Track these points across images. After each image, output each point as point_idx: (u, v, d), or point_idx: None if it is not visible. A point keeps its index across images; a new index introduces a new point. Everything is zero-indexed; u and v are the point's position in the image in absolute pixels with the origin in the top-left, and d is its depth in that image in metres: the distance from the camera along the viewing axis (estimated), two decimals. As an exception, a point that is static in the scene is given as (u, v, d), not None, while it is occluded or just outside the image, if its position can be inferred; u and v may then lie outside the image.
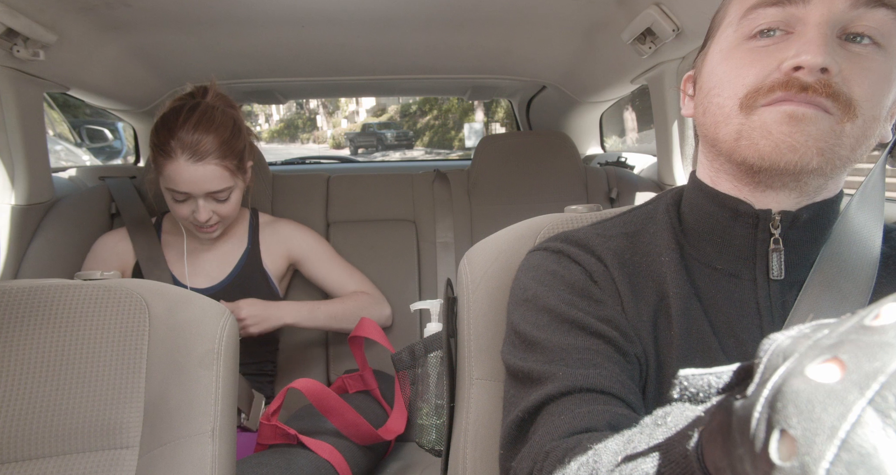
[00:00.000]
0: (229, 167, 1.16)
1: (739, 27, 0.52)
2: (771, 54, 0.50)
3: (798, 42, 0.48)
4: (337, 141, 18.90)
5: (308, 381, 1.03)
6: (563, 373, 0.50)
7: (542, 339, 0.54)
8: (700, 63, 0.59)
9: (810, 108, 0.47)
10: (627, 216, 0.65)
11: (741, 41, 0.52)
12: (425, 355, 1.01)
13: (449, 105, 18.06)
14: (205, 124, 1.14)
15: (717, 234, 0.57)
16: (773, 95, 0.48)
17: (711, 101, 0.54)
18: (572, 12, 1.27)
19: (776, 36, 0.50)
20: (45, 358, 0.72)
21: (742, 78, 0.51)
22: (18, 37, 1.04)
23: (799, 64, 0.47)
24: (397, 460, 1.23)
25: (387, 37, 1.41)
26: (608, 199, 1.65)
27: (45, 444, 0.69)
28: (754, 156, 0.50)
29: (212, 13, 1.20)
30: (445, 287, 0.78)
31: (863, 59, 0.48)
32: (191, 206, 1.17)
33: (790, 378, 0.21)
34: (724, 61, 0.53)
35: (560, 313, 0.55)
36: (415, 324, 1.46)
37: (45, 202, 1.33)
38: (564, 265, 0.59)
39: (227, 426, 0.72)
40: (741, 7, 0.53)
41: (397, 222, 1.60)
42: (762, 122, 0.49)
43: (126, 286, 0.77)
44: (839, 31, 0.49)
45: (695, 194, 0.59)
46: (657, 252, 0.59)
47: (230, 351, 0.76)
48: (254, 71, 1.70)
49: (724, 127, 0.52)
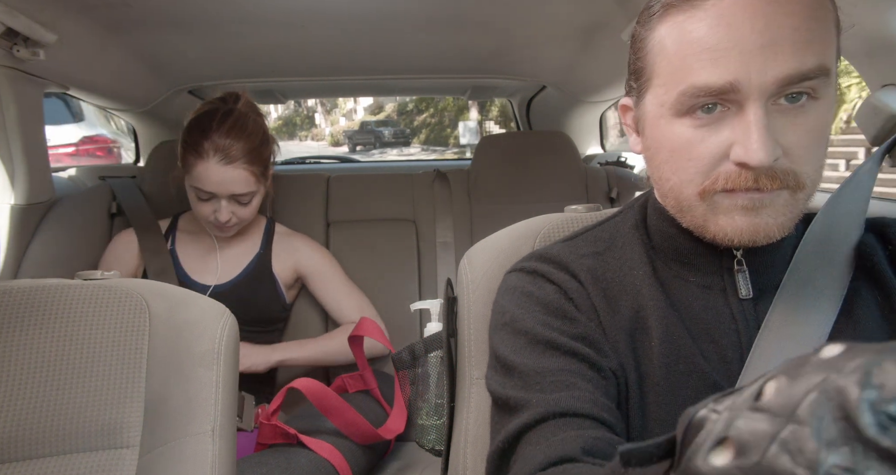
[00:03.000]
0: (255, 173, 1.21)
1: (676, 103, 0.51)
2: (714, 135, 0.50)
3: (740, 133, 0.49)
4: (335, 138, 18.92)
5: (308, 381, 1.03)
6: (536, 400, 0.52)
7: (518, 364, 0.56)
8: (639, 106, 0.58)
9: (766, 194, 0.50)
10: (596, 232, 0.66)
11: (679, 114, 0.52)
12: (425, 355, 1.01)
13: (445, 103, 18.18)
14: (238, 130, 1.19)
15: (683, 254, 0.59)
16: (730, 190, 0.51)
17: (666, 180, 0.55)
18: (572, 12, 1.26)
19: (716, 113, 0.50)
20: (45, 358, 0.72)
21: (693, 167, 0.52)
22: (18, 36, 1.04)
23: (746, 162, 0.48)
24: (397, 460, 1.23)
25: (387, 37, 1.40)
26: (608, 199, 1.65)
27: (46, 444, 0.69)
28: (723, 238, 0.53)
29: (212, 13, 1.20)
30: (445, 287, 0.78)
31: (800, 117, 0.49)
32: (213, 205, 1.22)
33: (692, 459, 0.23)
34: (667, 138, 0.53)
35: (535, 335, 0.56)
36: (415, 324, 1.46)
37: (45, 202, 1.33)
38: (539, 285, 0.61)
39: (227, 425, 0.72)
40: (674, 80, 0.51)
41: (397, 222, 1.60)
42: (725, 209, 0.52)
43: (126, 286, 0.77)
44: (775, 98, 0.49)
45: (656, 217, 0.61)
46: (630, 266, 0.61)
47: (230, 351, 0.76)
48: (254, 71, 1.70)
49: (688, 211, 0.54)
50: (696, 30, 0.49)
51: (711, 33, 0.48)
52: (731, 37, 0.47)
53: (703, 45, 0.49)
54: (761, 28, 0.47)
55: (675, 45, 0.51)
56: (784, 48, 0.47)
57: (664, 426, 0.54)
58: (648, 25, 0.54)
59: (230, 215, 1.22)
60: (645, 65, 0.55)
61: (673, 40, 0.51)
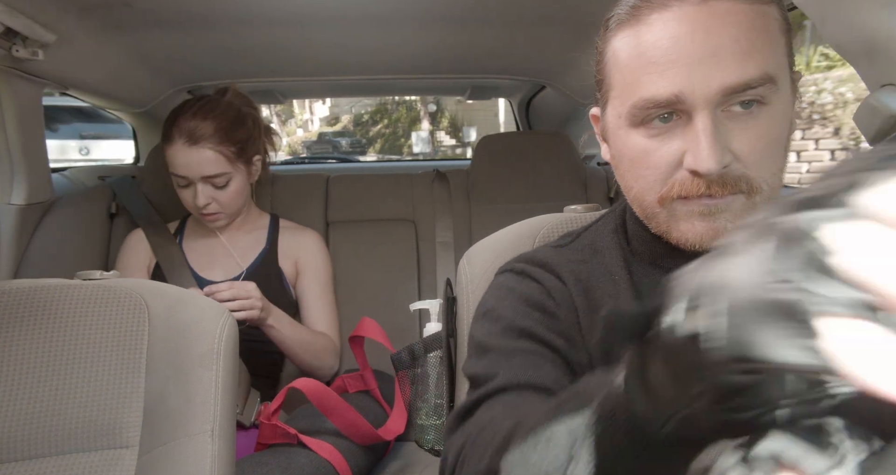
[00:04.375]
0: (225, 153, 1.21)
1: (630, 115, 0.53)
2: (667, 144, 0.52)
3: (689, 141, 0.50)
4: (292, 148, 18.83)
5: (309, 381, 1.03)
6: (503, 372, 0.54)
7: (491, 345, 0.57)
8: (603, 116, 0.60)
9: (720, 199, 0.51)
10: (581, 240, 0.67)
11: (634, 125, 0.53)
12: (425, 355, 1.01)
13: (398, 115, 18.61)
14: (204, 111, 1.21)
15: (659, 257, 0.60)
16: (685, 197, 0.52)
17: (630, 188, 0.57)
18: (572, 12, 1.27)
19: (671, 122, 0.51)
20: (44, 358, 0.72)
21: (651, 175, 0.53)
22: (18, 36, 1.04)
23: (696, 169, 0.49)
24: (396, 460, 1.23)
25: (387, 37, 1.40)
26: (607, 199, 1.65)
27: (45, 444, 0.69)
28: (686, 243, 0.54)
29: (211, 13, 1.20)
30: (445, 287, 0.78)
31: (749, 121, 0.50)
32: (192, 191, 1.23)
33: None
34: (626, 148, 0.55)
35: (511, 321, 0.58)
36: (414, 324, 1.46)
37: (45, 202, 1.33)
38: (524, 283, 0.63)
39: (226, 426, 0.72)
40: (626, 93, 0.53)
41: (397, 222, 1.60)
42: (684, 215, 0.53)
43: (126, 286, 0.77)
44: (723, 106, 0.50)
45: (633, 222, 0.62)
46: (610, 272, 0.62)
47: (230, 351, 0.76)
48: (253, 71, 1.70)
49: (652, 217, 0.56)
50: (642, 44, 0.51)
51: (656, 47, 0.50)
52: (675, 49, 0.49)
53: (648, 58, 0.50)
54: (702, 40, 0.48)
55: (626, 59, 0.53)
56: (725, 59, 0.48)
57: None
58: (605, 38, 0.56)
59: (208, 199, 1.22)
60: (604, 77, 0.57)
61: (625, 54, 0.53)
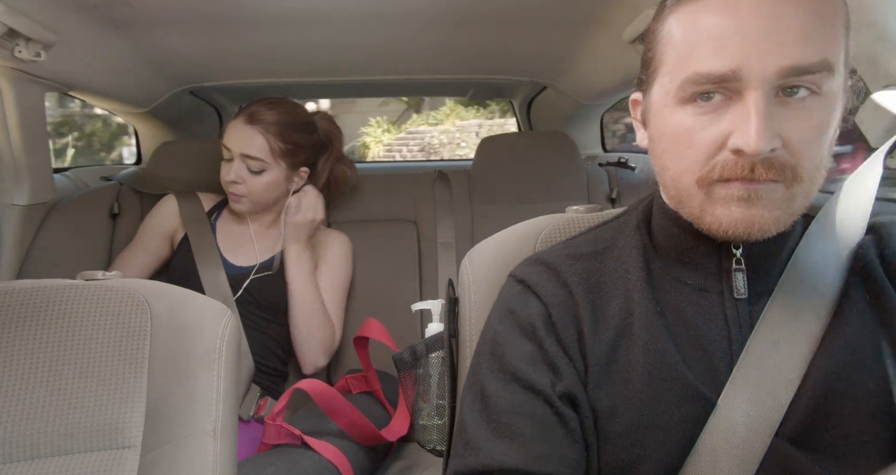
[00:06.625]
0: (273, 145, 1.25)
1: (680, 90, 0.52)
2: (714, 124, 0.51)
3: (739, 121, 0.49)
4: None
5: (313, 382, 1.04)
6: (485, 448, 0.55)
7: (491, 394, 0.58)
8: (646, 98, 0.59)
9: (761, 184, 0.50)
10: (599, 231, 0.67)
11: (682, 102, 0.53)
12: (427, 355, 1.00)
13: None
14: (277, 105, 1.28)
15: (684, 253, 0.59)
16: (725, 179, 0.51)
17: (667, 169, 0.56)
18: (573, 12, 1.26)
19: (716, 101, 0.51)
20: (46, 358, 0.72)
21: (692, 155, 0.53)
22: (20, 37, 1.04)
23: (742, 149, 0.49)
24: (399, 460, 1.23)
25: (387, 37, 1.40)
26: (609, 200, 1.65)
27: (47, 444, 0.69)
28: (718, 229, 0.53)
29: (212, 13, 1.20)
30: (447, 287, 0.78)
31: (801, 110, 0.50)
32: (230, 166, 1.27)
33: None
34: (669, 126, 0.54)
35: (515, 372, 0.58)
36: (416, 325, 1.46)
37: (47, 202, 1.33)
38: (525, 302, 0.62)
39: (228, 426, 0.72)
40: (679, 68, 0.52)
41: (398, 222, 1.59)
42: (721, 199, 0.52)
43: (127, 286, 0.77)
44: (776, 90, 0.49)
45: (660, 215, 0.62)
46: (625, 269, 0.61)
47: (231, 350, 0.76)
48: (255, 71, 1.70)
49: (686, 200, 0.55)
50: (703, 19, 0.51)
51: (718, 22, 0.49)
52: (736, 25, 0.49)
53: (708, 33, 0.50)
54: (765, 17, 0.48)
55: (683, 35, 0.52)
56: (787, 39, 0.48)
57: (646, 431, 0.54)
58: (660, 17, 0.56)
59: (238, 178, 1.26)
60: (654, 55, 0.57)
61: (681, 30, 0.52)
